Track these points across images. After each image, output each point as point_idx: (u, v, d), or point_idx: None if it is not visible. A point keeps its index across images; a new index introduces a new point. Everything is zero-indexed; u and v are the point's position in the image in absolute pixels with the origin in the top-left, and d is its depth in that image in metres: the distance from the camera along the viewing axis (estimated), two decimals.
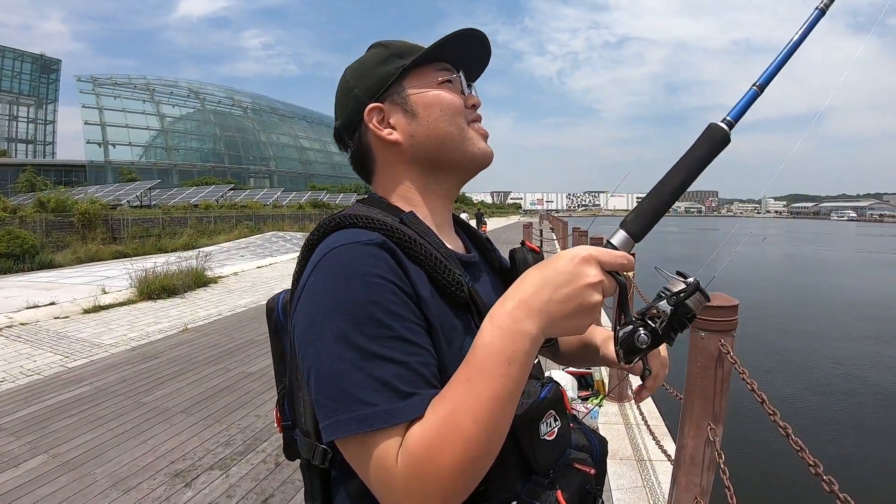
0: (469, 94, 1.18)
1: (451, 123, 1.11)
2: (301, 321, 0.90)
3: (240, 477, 4.16)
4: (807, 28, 0.98)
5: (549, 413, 1.00)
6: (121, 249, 21.05)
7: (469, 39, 1.14)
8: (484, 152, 1.16)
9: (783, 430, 2.05)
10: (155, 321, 9.59)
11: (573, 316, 0.84)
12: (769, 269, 29.62)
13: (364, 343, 0.82)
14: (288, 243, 25.28)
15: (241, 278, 15.04)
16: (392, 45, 1.15)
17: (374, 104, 1.11)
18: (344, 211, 1.03)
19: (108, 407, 5.55)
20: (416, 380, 0.83)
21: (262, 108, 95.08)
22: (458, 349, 0.94)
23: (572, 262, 0.84)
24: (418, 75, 1.13)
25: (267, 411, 5.44)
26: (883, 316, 17.53)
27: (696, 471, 2.84)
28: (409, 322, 0.87)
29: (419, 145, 1.11)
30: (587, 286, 0.83)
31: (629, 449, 4.69)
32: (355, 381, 0.81)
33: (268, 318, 1.25)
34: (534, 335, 0.82)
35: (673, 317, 0.89)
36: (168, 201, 39.35)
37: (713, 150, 0.95)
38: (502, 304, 0.84)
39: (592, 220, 46.23)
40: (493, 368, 0.79)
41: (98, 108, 69.21)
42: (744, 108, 0.96)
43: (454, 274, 0.98)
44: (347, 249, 0.90)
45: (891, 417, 8.99)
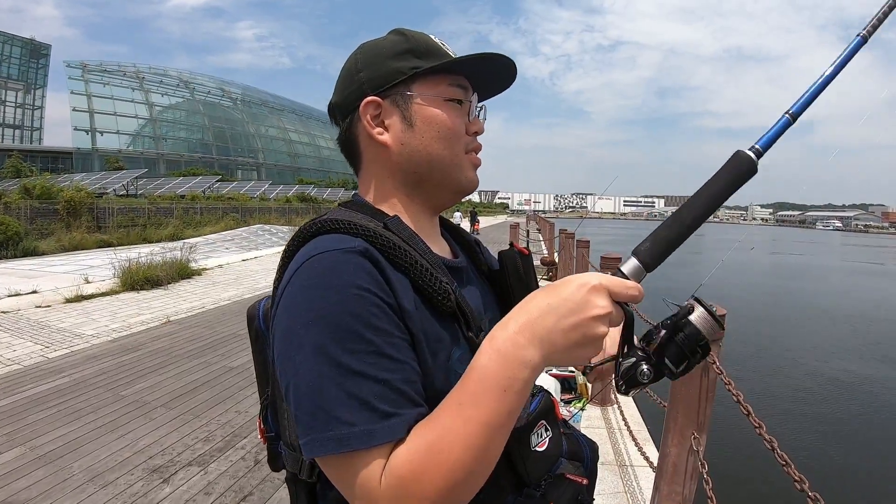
0: (476, 118, 1.13)
1: (445, 147, 1.07)
2: (278, 333, 0.86)
3: (218, 474, 4.12)
4: (846, 56, 0.91)
5: (539, 424, 0.98)
6: (105, 238, 20.89)
7: (496, 63, 1.09)
8: (470, 182, 1.12)
9: (769, 444, 2.04)
10: (137, 312, 9.51)
11: (577, 347, 0.80)
12: (755, 275, 29.72)
13: (343, 358, 0.79)
14: (274, 237, 25.15)
15: (226, 271, 14.97)
16: (413, 39, 1.08)
17: (374, 98, 1.06)
18: (325, 215, 1.00)
19: (87, 399, 5.48)
20: (397, 399, 0.79)
21: (252, 99, 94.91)
22: (444, 361, 0.91)
23: (581, 290, 0.80)
24: (429, 83, 1.07)
25: (248, 407, 5.39)
26: (870, 327, 17.65)
27: (678, 479, 2.83)
28: (391, 336, 0.83)
29: (407, 156, 1.07)
30: (595, 318, 0.79)
31: (611, 454, 4.68)
32: (333, 398, 0.77)
33: (248, 326, 1.21)
34: (535, 364, 0.78)
35: (669, 344, 0.84)
36: (154, 191, 39.20)
37: (738, 180, 0.88)
38: (504, 327, 0.80)
39: (580, 221, 46.31)
40: (488, 394, 0.76)
41: (87, 95, 68.94)
42: (774, 137, 0.89)
43: (440, 282, 0.94)
44: (327, 257, 0.86)
45: (877, 428, 9.02)
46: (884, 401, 10.35)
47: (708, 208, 0.89)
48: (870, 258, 52.30)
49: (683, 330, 0.83)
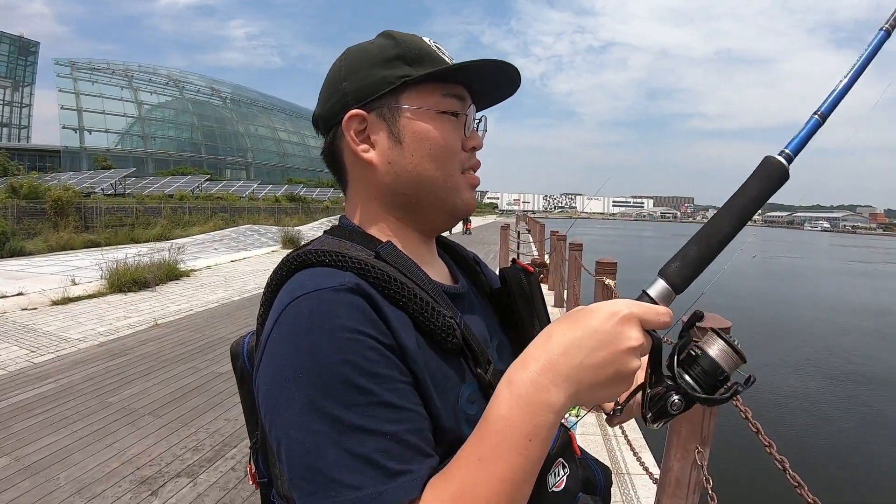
0: (473, 131, 1.03)
1: (437, 167, 0.97)
2: (264, 385, 0.77)
3: (208, 485, 4.05)
4: (871, 50, 0.86)
5: (557, 462, 0.90)
6: (93, 239, 20.73)
7: (496, 70, 0.99)
8: (465, 205, 1.03)
9: (780, 465, 2.00)
10: (125, 315, 9.40)
11: (607, 384, 0.72)
12: (749, 279, 29.78)
13: (339, 413, 0.70)
14: (263, 237, 25.05)
15: (215, 272, 14.86)
16: (403, 44, 0.97)
17: (358, 111, 0.95)
18: (311, 245, 0.92)
19: (73, 407, 5.40)
20: (405, 453, 0.71)
21: (242, 98, 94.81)
22: (453, 402, 0.84)
23: (611, 320, 0.72)
24: (421, 94, 0.96)
25: (237, 414, 5.31)
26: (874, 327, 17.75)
27: (681, 493, 2.79)
28: (393, 382, 0.75)
29: (395, 176, 0.97)
30: (627, 350, 0.72)
31: (607, 461, 4.64)
32: (331, 459, 0.69)
33: (233, 365, 1.14)
34: (559, 406, 0.70)
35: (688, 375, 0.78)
36: (143, 190, 39.09)
37: (770, 188, 0.82)
38: (524, 367, 0.72)
39: (571, 223, 46.44)
40: (511, 447, 0.68)
41: (75, 93, 68.74)
42: (805, 139, 0.84)
43: (444, 317, 0.85)
44: (314, 298, 0.78)
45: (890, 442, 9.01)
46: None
47: (739, 221, 0.83)
48: (859, 258, 52.68)
49: (701, 364, 0.78)
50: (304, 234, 24.85)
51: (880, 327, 18.38)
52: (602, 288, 6.24)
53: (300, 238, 22.39)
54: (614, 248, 49.67)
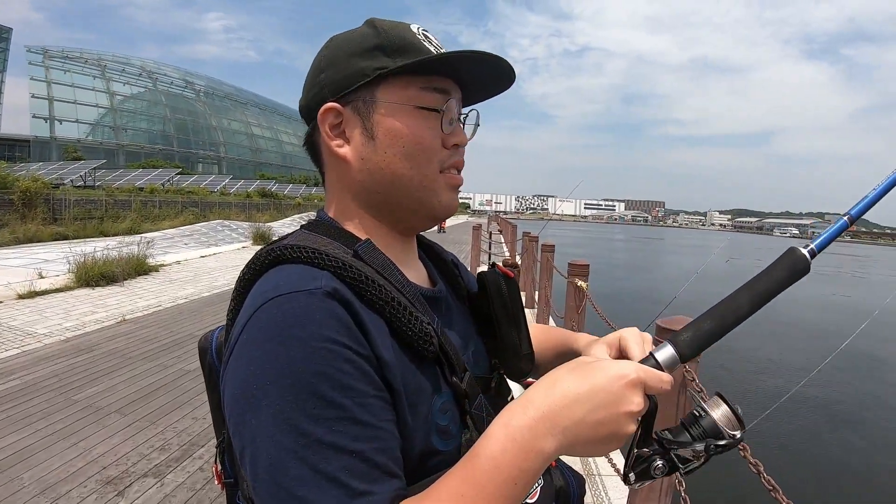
0: (457, 127, 0.98)
1: (412, 167, 0.93)
2: (232, 388, 0.74)
3: (175, 486, 4.00)
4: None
5: None
6: (61, 231, 20.45)
7: (484, 63, 0.94)
8: (445, 207, 0.99)
9: (755, 468, 2.02)
10: (92, 310, 9.27)
11: (600, 442, 0.73)
12: (715, 283, 29.98)
13: (308, 427, 0.68)
14: (234, 233, 24.88)
15: (184, 267, 14.70)
16: (384, 33, 0.93)
17: (333, 104, 0.93)
18: (286, 240, 0.89)
19: (37, 404, 5.31)
20: (371, 472, 0.69)
21: (216, 92, 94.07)
22: (425, 415, 0.82)
23: (618, 381, 0.73)
24: (397, 87, 0.92)
25: (205, 413, 5.25)
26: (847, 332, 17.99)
27: (653, 496, 2.83)
28: (366, 396, 0.72)
29: (367, 174, 0.94)
30: (627, 414, 0.73)
31: (578, 462, 4.64)
32: (294, 474, 0.67)
33: (201, 360, 1.10)
34: (549, 454, 0.70)
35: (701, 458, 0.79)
36: (113, 183, 38.59)
37: (791, 279, 0.84)
38: (523, 411, 0.71)
39: (543, 224, 46.61)
40: (496, 490, 0.68)
41: (47, 82, 67.74)
42: (830, 238, 0.86)
43: (421, 323, 0.83)
44: (288, 301, 0.75)
45: (868, 450, 9.13)
46: (872, 413, 10.54)
47: (757, 303, 0.84)
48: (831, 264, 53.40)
49: (703, 424, 0.79)
50: (276, 230, 24.69)
51: (852, 332, 18.64)
52: (574, 289, 6.26)
53: (271, 234, 22.24)
54: (586, 250, 49.94)
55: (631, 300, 19.26)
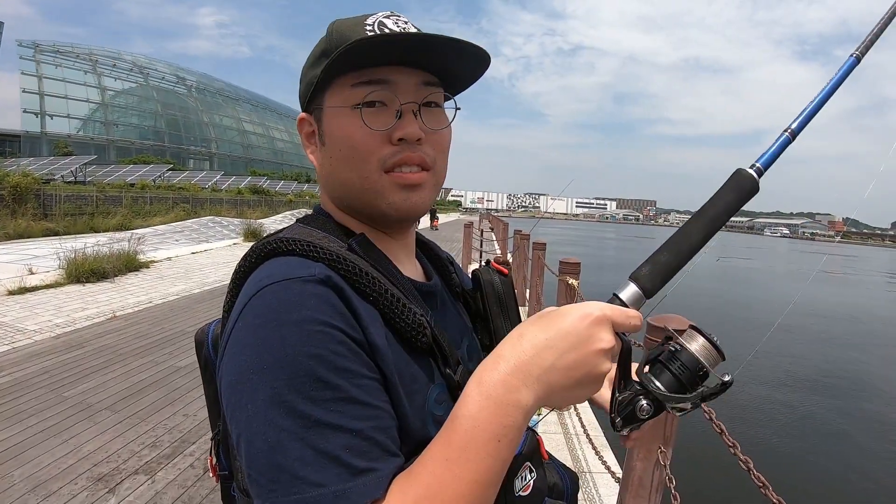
0: (408, 119, 0.91)
1: (351, 169, 0.91)
2: (228, 377, 0.75)
3: (166, 483, 4.00)
4: (841, 75, 0.90)
5: (524, 466, 0.89)
6: (52, 227, 20.28)
7: (434, 48, 0.89)
8: (395, 208, 0.93)
9: (744, 465, 2.03)
10: (82, 307, 9.23)
11: (577, 385, 0.73)
12: (705, 280, 30.09)
13: (305, 408, 0.68)
14: (225, 229, 24.74)
15: (175, 264, 14.65)
16: (331, 36, 0.92)
17: (302, 115, 0.97)
18: (281, 233, 0.89)
19: (28, 401, 5.29)
20: (371, 451, 0.69)
21: (208, 88, 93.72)
22: (421, 402, 0.83)
23: (583, 322, 0.72)
24: (336, 88, 0.91)
25: (195, 410, 5.26)
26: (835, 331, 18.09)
27: (643, 493, 2.82)
28: (361, 377, 0.73)
29: (326, 178, 0.97)
30: (598, 352, 0.72)
31: (569, 460, 4.66)
32: (295, 455, 0.67)
33: (197, 352, 1.09)
34: (529, 406, 0.70)
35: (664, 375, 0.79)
36: (104, 178, 38.52)
37: (740, 200, 0.84)
38: (494, 367, 0.70)
39: (535, 222, 46.66)
40: (479, 448, 0.67)
41: (38, 77, 67.38)
42: (775, 155, 0.86)
43: (414, 315, 0.84)
44: (282, 287, 0.75)
45: (854, 442, 9.18)
46: (859, 411, 10.59)
47: (709, 230, 0.84)
48: (814, 264, 53.55)
49: (681, 358, 0.79)
50: (267, 226, 24.66)
51: (842, 331, 18.78)
52: (566, 287, 6.27)
53: (262, 231, 22.17)
54: (577, 248, 50.01)
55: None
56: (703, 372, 0.78)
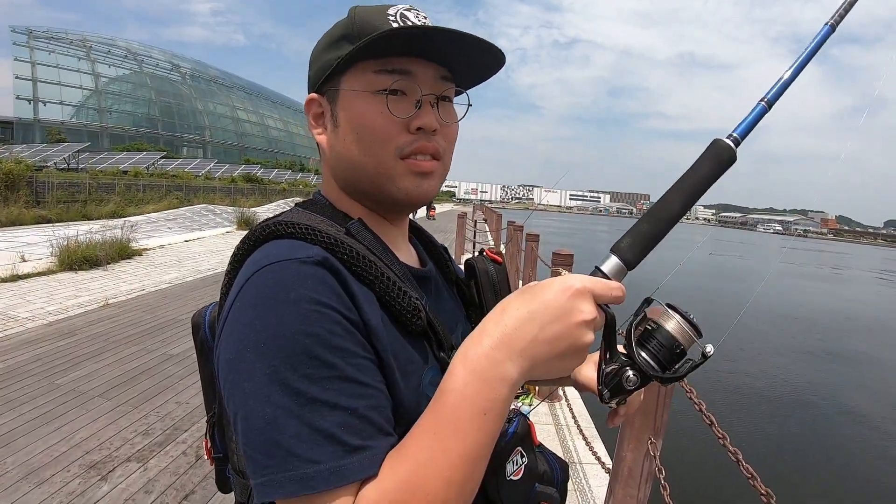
0: (426, 110, 0.94)
1: (366, 153, 0.93)
2: (225, 355, 0.76)
3: (159, 470, 4.01)
4: (816, 43, 0.90)
5: (516, 450, 0.89)
6: (44, 214, 20.19)
7: (456, 42, 0.90)
8: (406, 194, 0.95)
9: (734, 456, 2.05)
10: (75, 294, 9.21)
11: (561, 357, 0.73)
12: (697, 277, 30.12)
13: (301, 385, 0.69)
14: (218, 217, 24.66)
15: (168, 252, 14.61)
16: (353, 21, 0.94)
17: (313, 95, 0.98)
18: (280, 216, 0.90)
19: (20, 389, 5.29)
20: (366, 429, 0.71)
21: (202, 75, 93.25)
22: (416, 385, 0.84)
23: (564, 294, 0.73)
24: (356, 73, 0.92)
25: (188, 398, 5.28)
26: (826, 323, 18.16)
27: (633, 483, 2.84)
28: (356, 357, 0.74)
29: (335, 161, 0.98)
30: (580, 323, 0.73)
31: (559, 451, 4.68)
32: (292, 432, 0.68)
33: (193, 335, 1.10)
34: (514, 380, 0.71)
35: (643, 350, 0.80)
36: (97, 166, 38.29)
37: (718, 169, 0.85)
38: (478, 342, 0.72)
39: (529, 213, 46.62)
40: (466, 421, 0.68)
41: (31, 63, 66.91)
42: (751, 125, 0.87)
43: (410, 298, 0.86)
44: (280, 268, 0.77)
45: (840, 434, 9.25)
46: (843, 403, 10.65)
47: (688, 200, 0.84)
48: (807, 261, 53.69)
49: (657, 337, 0.80)
50: (260, 215, 24.56)
51: (833, 323, 18.87)
52: None
53: (256, 219, 22.05)
54: (570, 240, 49.99)
55: None
56: (681, 350, 0.79)
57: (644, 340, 0.80)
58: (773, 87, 0.88)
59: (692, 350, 0.80)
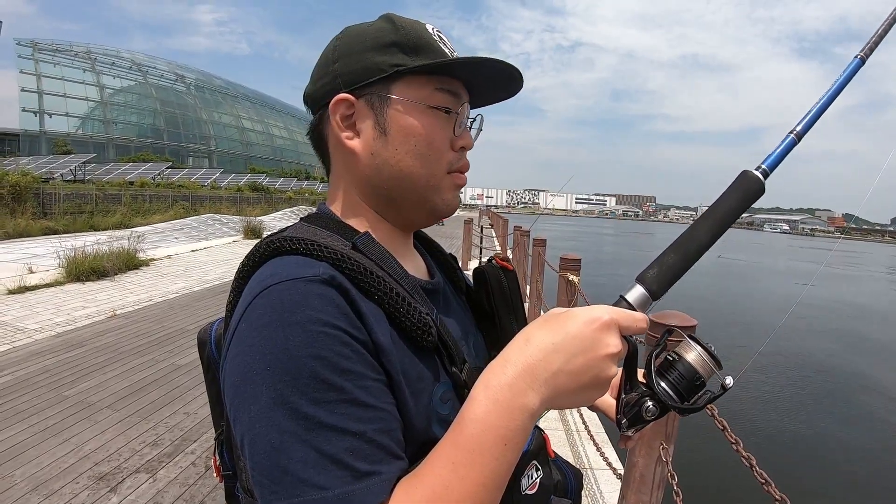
0: (465, 130, 1.00)
1: (422, 165, 0.94)
2: (231, 377, 0.75)
3: (168, 481, 4.00)
4: (846, 76, 0.90)
5: (531, 464, 0.89)
6: (51, 225, 20.29)
7: (497, 69, 0.95)
8: (447, 206, 1.00)
9: (747, 461, 2.03)
10: (82, 305, 9.22)
11: (584, 389, 0.73)
12: (717, 278, 30.03)
13: (308, 409, 0.68)
14: (224, 227, 24.68)
15: (175, 262, 14.61)
16: (402, 30, 0.93)
17: (347, 95, 0.92)
18: (285, 232, 0.89)
19: (28, 400, 5.29)
20: (375, 453, 0.69)
21: (206, 85, 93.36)
22: (426, 401, 0.83)
23: (590, 326, 0.72)
24: (413, 85, 0.92)
25: (196, 408, 5.27)
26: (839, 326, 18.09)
27: (645, 489, 2.82)
28: (365, 379, 0.73)
29: (376, 169, 0.94)
30: (606, 357, 0.72)
31: (571, 457, 4.66)
32: (298, 457, 0.67)
33: (200, 352, 1.09)
34: (535, 410, 0.70)
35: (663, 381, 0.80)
36: (103, 177, 38.51)
37: (746, 201, 0.84)
38: (501, 371, 0.71)
39: (535, 218, 46.68)
40: (486, 451, 0.67)
41: (36, 75, 67.08)
42: (780, 157, 0.87)
43: (419, 314, 0.84)
44: (286, 288, 0.75)
45: (857, 439, 9.17)
46: (860, 407, 10.57)
47: (716, 231, 0.84)
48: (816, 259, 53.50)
49: (678, 368, 0.79)
50: (267, 224, 24.65)
51: (845, 326, 18.78)
52: (566, 284, 6.26)
53: (262, 228, 22.21)
54: (576, 244, 50.04)
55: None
56: (700, 382, 0.78)
57: (664, 370, 0.80)
58: (803, 119, 0.88)
59: (711, 381, 0.80)
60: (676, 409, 0.78)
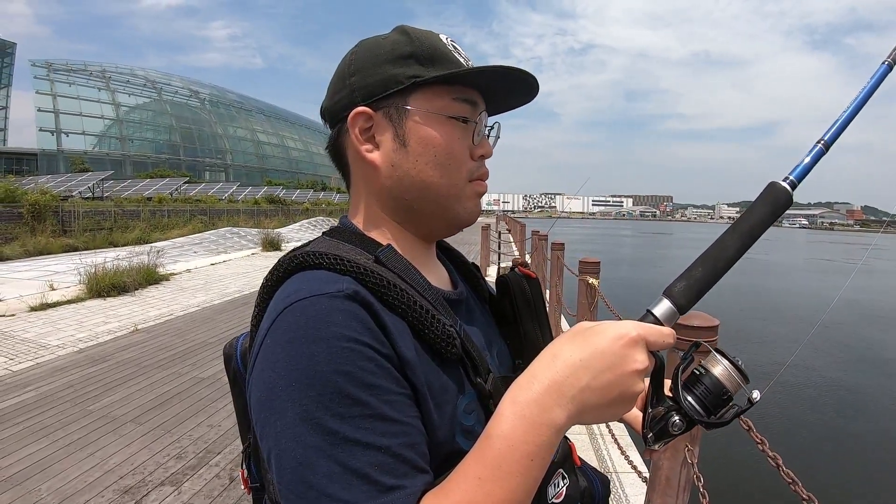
0: (484, 139, 1.00)
1: (443, 175, 0.94)
2: (257, 392, 0.75)
3: (192, 493, 4.01)
4: (874, 83, 0.87)
5: (557, 473, 0.89)
6: (71, 243, 20.48)
7: (514, 77, 0.96)
8: (469, 215, 1.00)
9: (773, 461, 2.00)
10: (104, 321, 9.30)
11: (610, 405, 0.72)
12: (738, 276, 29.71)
13: (334, 425, 0.68)
14: (242, 239, 24.83)
15: (195, 275, 14.73)
16: (418, 42, 0.93)
17: (365, 109, 0.92)
18: (308, 246, 0.88)
19: (53, 415, 5.33)
20: (400, 467, 0.69)
21: (221, 100, 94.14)
22: (451, 413, 0.82)
23: (618, 342, 0.71)
24: (430, 96, 0.92)
25: (220, 420, 5.28)
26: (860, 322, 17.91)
27: (671, 492, 2.79)
28: (390, 393, 0.73)
29: (397, 180, 0.94)
30: (633, 373, 0.71)
31: (594, 460, 4.63)
32: (324, 472, 0.67)
33: (226, 366, 1.09)
34: (562, 425, 0.69)
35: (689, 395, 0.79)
36: (121, 193, 38.79)
37: (775, 213, 0.83)
38: (528, 387, 0.70)
39: (553, 222, 46.68)
40: (512, 467, 0.67)
41: (52, 95, 67.89)
42: (809, 168, 0.85)
43: (443, 326, 0.83)
44: (311, 304, 0.75)
45: (883, 438, 9.07)
46: (890, 406, 10.47)
47: (744, 244, 0.83)
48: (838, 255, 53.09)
49: (704, 383, 0.78)
50: (284, 235, 24.78)
51: (866, 322, 18.58)
52: (586, 287, 6.23)
53: (280, 240, 22.35)
54: (595, 246, 49.94)
55: (640, 295, 18.95)
56: (727, 396, 0.78)
57: (691, 384, 0.80)
58: (831, 128, 0.86)
59: (738, 395, 0.79)
60: (703, 424, 0.78)
